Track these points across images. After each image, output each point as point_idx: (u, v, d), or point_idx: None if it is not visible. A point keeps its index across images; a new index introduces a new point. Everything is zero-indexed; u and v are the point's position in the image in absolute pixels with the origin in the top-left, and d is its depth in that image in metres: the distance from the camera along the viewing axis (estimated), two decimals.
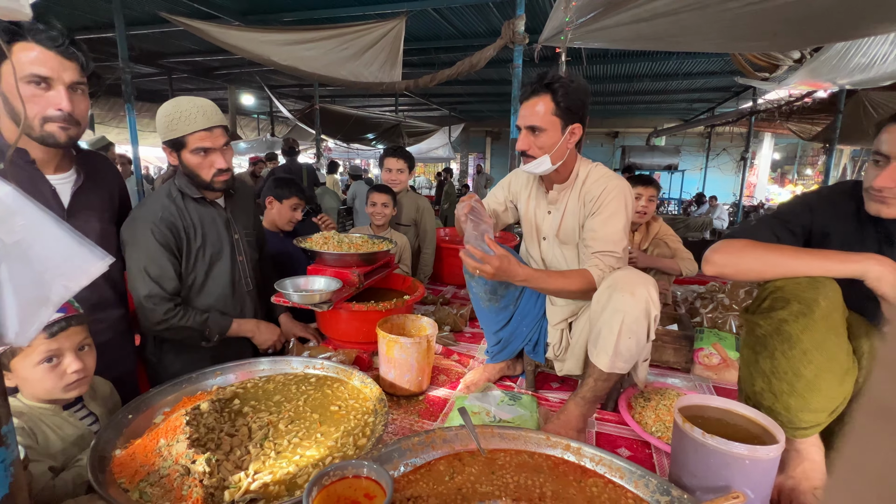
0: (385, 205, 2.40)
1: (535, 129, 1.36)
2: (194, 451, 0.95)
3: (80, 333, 1.04)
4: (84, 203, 1.29)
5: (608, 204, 1.37)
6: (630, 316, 1.20)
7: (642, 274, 1.26)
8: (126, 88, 4.05)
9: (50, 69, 1.10)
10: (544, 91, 1.34)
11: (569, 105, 1.34)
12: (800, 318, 0.96)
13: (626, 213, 1.38)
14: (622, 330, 1.21)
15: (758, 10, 2.32)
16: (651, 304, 1.20)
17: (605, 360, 1.24)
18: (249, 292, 1.59)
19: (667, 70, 7.63)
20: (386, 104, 11.20)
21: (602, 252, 1.35)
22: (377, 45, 3.93)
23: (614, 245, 1.35)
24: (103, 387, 1.19)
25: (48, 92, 1.11)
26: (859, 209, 1.08)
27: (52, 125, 1.13)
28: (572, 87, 1.34)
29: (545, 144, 1.37)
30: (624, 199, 1.37)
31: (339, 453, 1.06)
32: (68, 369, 1.00)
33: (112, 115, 9.42)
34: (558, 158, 1.40)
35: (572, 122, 1.36)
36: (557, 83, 1.33)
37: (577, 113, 1.36)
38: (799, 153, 15.50)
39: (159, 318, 1.41)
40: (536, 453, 1.11)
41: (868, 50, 4.18)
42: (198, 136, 1.37)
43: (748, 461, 0.89)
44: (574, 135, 1.38)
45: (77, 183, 1.27)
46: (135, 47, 6.49)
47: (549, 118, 1.35)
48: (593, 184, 1.41)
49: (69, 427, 1.03)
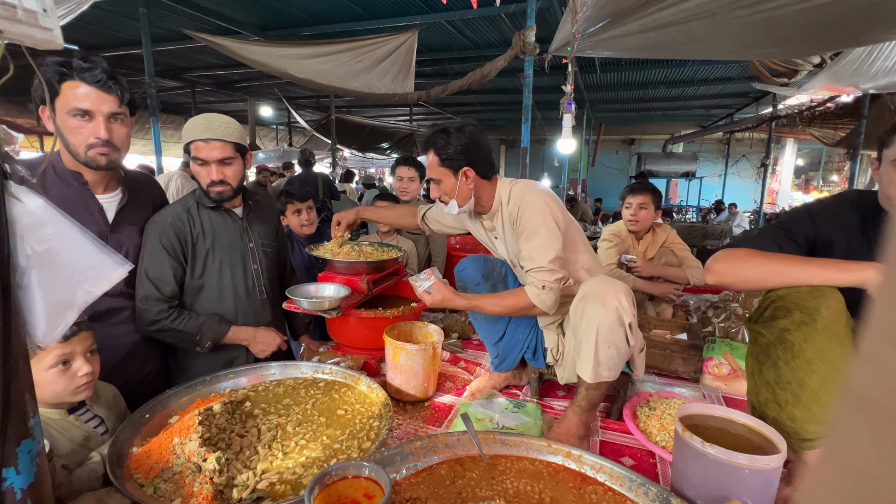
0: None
1: (434, 181, 1.53)
2: (206, 449, 0.99)
3: (88, 338, 1.10)
4: (127, 219, 1.43)
5: (526, 222, 1.41)
6: (604, 326, 1.23)
7: (613, 282, 1.29)
8: (151, 102, 4.23)
9: (91, 103, 1.24)
10: (429, 147, 1.51)
11: (449, 155, 1.46)
12: (801, 327, 0.95)
13: (546, 224, 1.39)
14: (598, 340, 1.24)
15: (768, 17, 2.31)
16: (623, 312, 1.23)
17: (588, 371, 1.27)
18: (264, 300, 1.63)
19: (682, 76, 7.56)
20: (400, 114, 11.37)
21: (533, 270, 1.40)
22: (390, 58, 4.02)
23: (539, 259, 1.38)
24: (107, 391, 1.23)
25: (90, 123, 1.26)
26: (864, 218, 1.07)
27: (93, 151, 1.27)
28: (451, 140, 1.46)
29: (446, 191, 1.51)
30: (540, 212, 1.40)
31: (344, 455, 1.09)
32: (79, 372, 1.05)
33: (138, 127, 9.80)
34: (464, 199, 1.51)
35: (460, 167, 1.47)
36: (435, 139, 1.48)
37: (462, 158, 1.46)
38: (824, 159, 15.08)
39: (151, 318, 1.43)
40: (537, 460, 1.12)
41: (891, 53, 4.08)
42: (195, 145, 1.45)
43: (748, 471, 0.89)
44: (468, 177, 1.48)
45: (122, 202, 1.41)
46: (160, 62, 6.77)
47: (438, 170, 1.50)
48: (512, 206, 1.47)
49: (75, 430, 1.08)
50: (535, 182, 1.55)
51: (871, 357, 0.17)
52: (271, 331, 1.61)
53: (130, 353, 1.45)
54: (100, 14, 4.87)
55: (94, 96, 1.24)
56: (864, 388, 0.17)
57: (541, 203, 1.41)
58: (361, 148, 9.11)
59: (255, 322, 1.61)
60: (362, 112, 10.72)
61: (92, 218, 1.35)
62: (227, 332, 1.52)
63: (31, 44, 0.59)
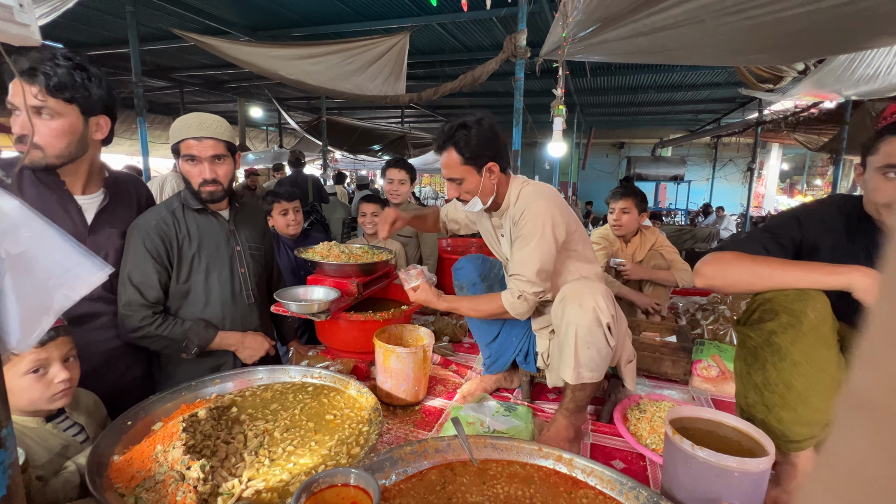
0: (375, 214, 2.47)
1: (454, 180, 1.44)
2: (189, 457, 0.97)
3: (66, 344, 1.06)
4: (107, 221, 1.38)
5: (523, 228, 1.39)
6: (582, 327, 1.24)
7: (591, 284, 1.29)
8: (138, 102, 4.16)
9: (14, 94, 1.17)
10: (448, 145, 1.41)
11: (473, 153, 1.39)
12: (788, 329, 0.96)
13: (542, 235, 1.36)
14: (577, 342, 1.24)
15: (755, 24, 2.35)
16: (600, 312, 1.23)
17: (570, 373, 1.27)
18: (251, 305, 1.59)
19: (671, 81, 7.66)
20: (392, 116, 11.35)
21: (515, 276, 1.39)
22: (381, 60, 4.01)
23: (522, 268, 1.36)
24: (87, 398, 1.19)
25: (19, 118, 1.18)
26: (848, 222, 1.09)
27: (19, 146, 1.24)
28: (473, 134, 1.38)
29: (469, 190, 1.44)
30: (541, 221, 1.36)
31: (332, 462, 1.08)
32: (55, 379, 1.01)
33: (125, 127, 9.64)
34: (487, 196, 1.46)
35: (485, 164, 1.41)
36: (456, 136, 1.39)
37: (486, 154, 1.40)
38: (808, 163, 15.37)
39: (135, 325, 1.39)
40: (528, 464, 1.11)
41: (872, 61, 4.18)
42: (187, 143, 1.42)
43: (737, 473, 0.89)
44: (492, 172, 1.43)
45: (102, 203, 1.37)
46: (148, 62, 6.68)
47: (460, 169, 1.41)
48: (517, 208, 1.44)
49: (53, 439, 1.04)
50: (546, 186, 1.50)
51: (871, 358, 0.17)
52: (259, 335, 1.59)
53: (110, 360, 1.41)
54: (86, 12, 4.79)
55: (16, 87, 1.17)
56: (865, 389, 0.17)
57: (543, 212, 1.37)
58: (352, 150, 9.08)
59: (243, 327, 1.58)
60: (353, 114, 10.69)
61: (70, 219, 1.30)
62: (214, 337, 1.49)
63: (6, 40, 0.57)
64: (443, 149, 1.44)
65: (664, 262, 2.32)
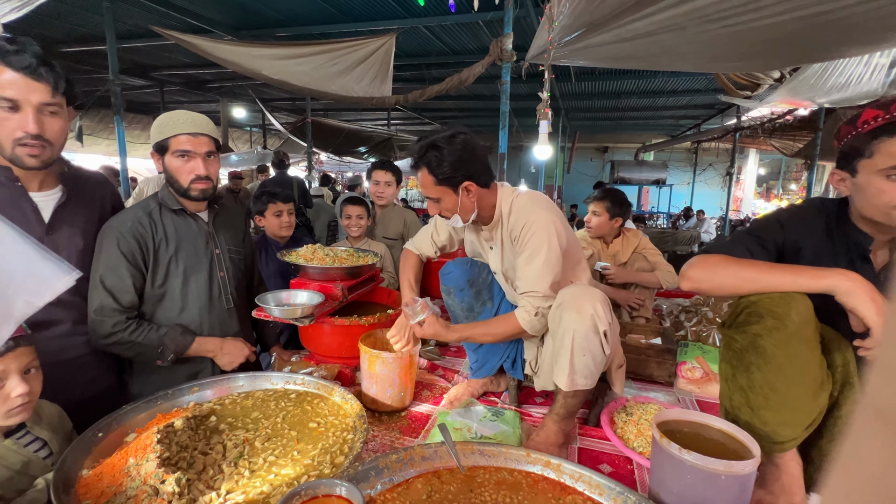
0: (360, 216, 2.43)
1: (433, 199, 1.41)
2: (164, 470, 0.92)
3: (27, 355, 0.98)
4: (66, 220, 1.30)
5: (528, 242, 1.35)
6: (579, 334, 1.22)
7: (589, 289, 1.28)
8: (115, 100, 4.04)
9: (17, 91, 1.10)
10: (421, 165, 1.37)
11: (446, 174, 1.34)
12: (773, 332, 0.97)
13: (549, 247, 1.33)
14: (574, 348, 1.23)
15: (734, 31, 2.40)
16: (598, 320, 1.22)
17: (564, 379, 1.25)
18: (230, 310, 1.55)
19: (653, 87, 7.82)
20: (378, 118, 11.30)
21: (526, 293, 1.35)
22: (367, 61, 3.98)
23: (536, 284, 1.33)
24: (50, 410, 1.12)
25: (16, 115, 1.12)
26: (828, 225, 1.11)
27: (22, 149, 1.14)
28: (445, 155, 1.33)
29: (448, 208, 1.41)
30: (545, 233, 1.33)
31: (316, 472, 1.04)
32: (12, 393, 0.93)
33: (102, 126, 9.37)
34: (468, 213, 1.42)
35: (460, 183, 1.36)
36: (427, 156, 1.34)
37: (460, 174, 1.35)
38: (783, 168, 15.86)
39: (107, 331, 1.34)
40: (516, 470, 1.10)
41: (844, 70, 4.33)
42: (181, 138, 1.37)
43: (724, 476, 0.89)
44: (469, 191, 1.37)
45: (60, 200, 1.28)
46: (126, 59, 6.50)
47: (435, 189, 1.38)
48: (515, 220, 1.40)
49: (13, 455, 0.97)
50: (539, 195, 1.47)
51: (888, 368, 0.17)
52: (239, 341, 1.53)
53: (75, 370, 1.33)
54: (60, 7, 4.64)
55: (21, 84, 1.10)
56: (882, 399, 0.17)
57: (547, 224, 1.34)
58: (338, 151, 9.00)
59: (222, 332, 1.53)
60: (339, 115, 10.60)
61: (24, 218, 1.22)
62: (192, 343, 1.43)
63: None
64: (416, 168, 1.40)
65: (648, 265, 2.34)
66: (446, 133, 1.36)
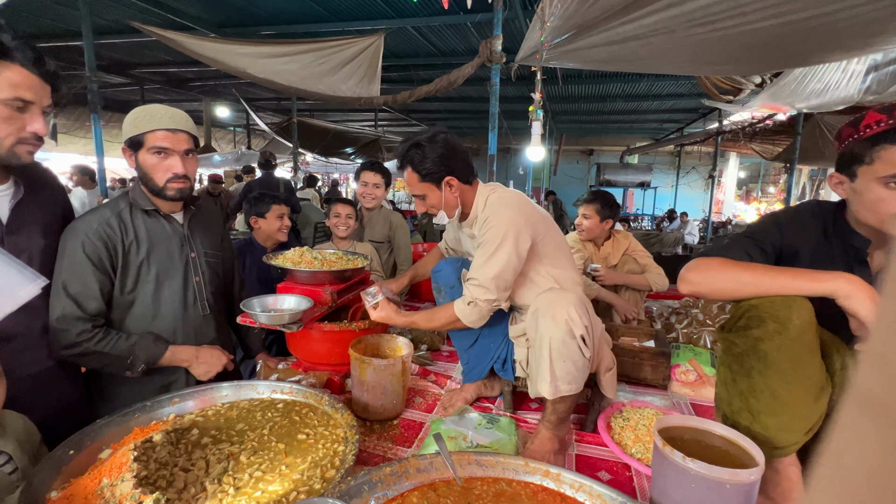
0: (349, 216, 2.43)
1: (418, 196, 1.49)
2: (141, 490, 0.86)
3: None
4: (26, 218, 1.19)
5: (485, 234, 1.38)
6: (556, 340, 1.20)
7: (563, 294, 1.26)
8: (92, 98, 3.90)
9: (34, 94, 1.07)
10: (406, 164, 1.46)
11: (428, 170, 1.42)
12: (775, 336, 0.95)
13: (503, 243, 1.34)
14: (552, 355, 1.21)
15: (721, 35, 2.43)
16: (573, 325, 1.20)
17: (547, 388, 1.23)
18: (206, 316, 1.46)
19: (639, 91, 7.92)
20: (365, 119, 11.21)
21: (469, 280, 1.39)
22: (355, 61, 3.92)
23: (477, 272, 1.36)
24: (15, 421, 1.04)
25: (24, 114, 1.08)
26: (826, 228, 1.11)
27: (22, 147, 1.10)
28: (427, 152, 1.41)
29: (433, 204, 1.48)
30: (502, 231, 1.35)
31: (305, 487, 0.99)
32: None
33: (78, 125, 9.08)
34: (452, 209, 1.49)
35: (442, 178, 1.43)
36: (410, 155, 1.43)
37: (442, 170, 1.42)
38: (762, 172, 16.28)
39: (70, 341, 1.24)
40: (514, 481, 1.06)
41: (823, 76, 4.45)
42: (159, 134, 1.29)
43: (729, 486, 0.87)
44: (451, 186, 1.45)
45: (17, 196, 1.17)
46: (103, 56, 6.31)
47: (420, 186, 1.46)
48: (483, 216, 1.44)
49: None
50: (514, 193, 1.49)
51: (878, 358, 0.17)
52: (216, 349, 1.45)
53: (40, 385, 1.23)
54: (35, 1, 4.47)
55: (37, 86, 1.07)
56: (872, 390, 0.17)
57: (506, 221, 1.36)
58: (325, 152, 8.88)
59: (197, 340, 1.44)
60: (325, 116, 10.48)
61: None
62: (165, 352, 1.34)
63: None
64: (402, 168, 1.48)
65: (637, 267, 2.34)
66: (427, 134, 1.44)
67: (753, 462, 0.93)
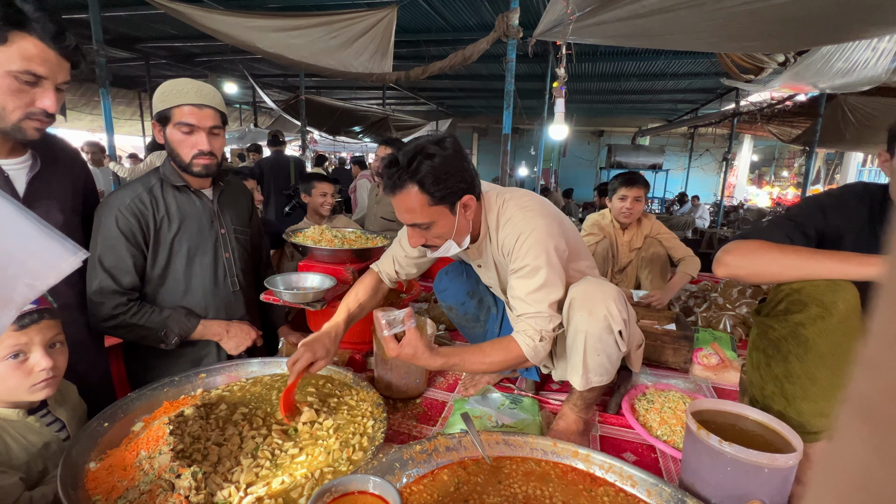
0: (333, 195, 2.54)
1: (421, 226, 1.15)
2: (179, 463, 0.87)
3: (52, 328, 0.95)
4: (43, 191, 1.17)
5: (523, 258, 1.16)
6: (592, 336, 1.14)
7: (602, 286, 1.16)
8: (101, 73, 3.85)
9: (48, 69, 1.02)
10: (409, 183, 1.09)
11: (445, 190, 1.10)
12: (818, 321, 0.93)
13: (549, 261, 1.16)
14: (587, 349, 1.16)
15: (753, 9, 2.31)
16: (611, 320, 1.13)
17: (578, 379, 1.20)
18: (236, 292, 1.48)
19: (654, 70, 7.69)
20: (373, 97, 11.01)
21: (528, 315, 1.17)
22: (367, 35, 3.82)
23: (538, 304, 1.16)
24: (71, 390, 1.09)
25: (35, 89, 1.03)
26: (872, 212, 1.07)
27: (30, 122, 1.05)
28: (439, 165, 1.08)
29: (441, 234, 1.17)
30: (542, 246, 1.15)
31: (338, 462, 1.00)
32: (36, 367, 0.90)
33: (85, 100, 9.00)
34: (463, 235, 1.21)
35: (459, 199, 1.14)
36: (422, 171, 1.08)
37: (461, 186, 1.13)
38: (776, 155, 15.92)
39: (107, 313, 1.27)
40: (543, 461, 1.06)
41: (850, 56, 4.27)
42: (185, 109, 1.27)
43: (767, 470, 0.86)
44: (468, 207, 1.16)
45: (34, 169, 1.15)
46: (109, 30, 6.19)
47: (428, 211, 1.12)
48: (505, 233, 1.21)
49: (33, 435, 0.94)
50: (528, 197, 1.26)
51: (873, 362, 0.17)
52: (245, 324, 1.47)
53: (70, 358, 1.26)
54: None
55: (53, 61, 1.02)
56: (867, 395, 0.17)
57: (542, 235, 1.16)
58: (332, 131, 8.77)
59: (227, 316, 1.46)
60: (332, 93, 10.31)
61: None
62: (197, 326, 1.37)
63: None
64: (400, 186, 1.10)
65: (662, 249, 2.30)
66: (432, 138, 1.14)
67: (789, 447, 0.92)
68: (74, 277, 1.25)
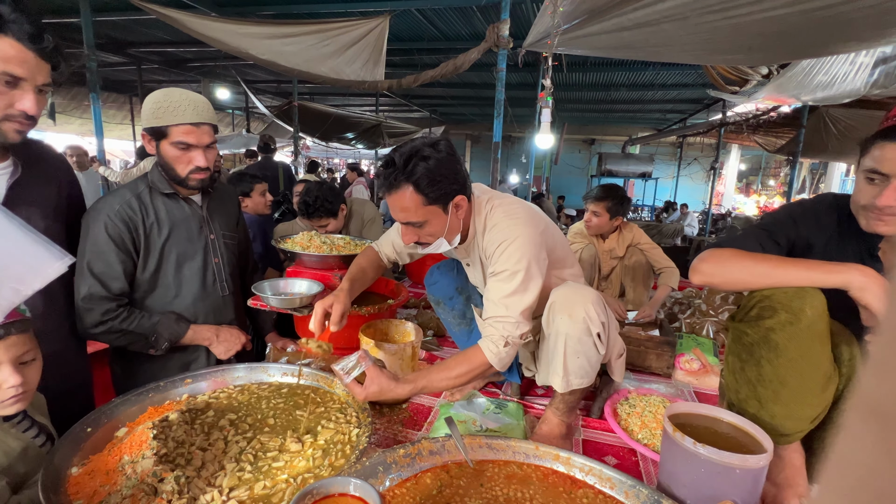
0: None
1: (415, 224, 1.20)
2: (162, 468, 0.87)
3: (22, 344, 0.91)
4: (23, 198, 1.15)
5: (503, 263, 1.19)
6: (572, 338, 1.18)
7: (581, 290, 1.21)
8: (91, 77, 3.84)
9: (26, 70, 1.01)
10: (404, 183, 1.14)
11: (439, 191, 1.15)
12: (787, 326, 0.97)
13: (527, 268, 1.17)
14: (567, 352, 1.20)
15: (735, 23, 2.39)
16: (590, 323, 1.17)
17: (559, 382, 1.23)
18: (225, 297, 1.49)
19: (643, 80, 7.84)
20: (366, 104, 11.07)
21: (496, 318, 1.18)
22: (360, 43, 3.86)
23: (507, 308, 1.17)
24: (39, 397, 1.06)
25: (14, 90, 1.02)
26: (840, 222, 1.11)
27: (9, 125, 1.04)
28: (433, 166, 1.13)
29: (434, 232, 1.22)
30: (521, 253, 1.17)
31: (320, 466, 1.01)
32: (4, 384, 0.87)
33: (75, 104, 8.93)
34: (454, 234, 1.25)
35: (451, 199, 1.19)
36: (417, 172, 1.12)
37: (453, 188, 1.17)
38: (763, 164, 16.23)
39: (96, 319, 1.27)
40: (525, 464, 1.08)
41: (830, 69, 4.40)
42: (183, 129, 1.28)
43: (739, 471, 0.89)
44: (460, 207, 1.21)
45: (14, 175, 1.13)
46: (101, 34, 6.17)
47: (422, 211, 1.16)
48: (490, 238, 1.25)
49: (12, 440, 0.93)
50: (516, 205, 1.28)
51: (881, 363, 0.17)
52: (235, 329, 1.48)
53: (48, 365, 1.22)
54: None
55: (31, 63, 1.01)
56: (875, 397, 0.17)
57: (525, 241, 1.18)
58: (325, 137, 8.79)
59: (217, 320, 1.47)
60: (325, 100, 10.35)
61: None
62: (187, 331, 1.37)
63: None
64: (396, 186, 1.15)
65: (643, 259, 2.34)
66: (427, 140, 1.18)
67: (761, 448, 0.95)
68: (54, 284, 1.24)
